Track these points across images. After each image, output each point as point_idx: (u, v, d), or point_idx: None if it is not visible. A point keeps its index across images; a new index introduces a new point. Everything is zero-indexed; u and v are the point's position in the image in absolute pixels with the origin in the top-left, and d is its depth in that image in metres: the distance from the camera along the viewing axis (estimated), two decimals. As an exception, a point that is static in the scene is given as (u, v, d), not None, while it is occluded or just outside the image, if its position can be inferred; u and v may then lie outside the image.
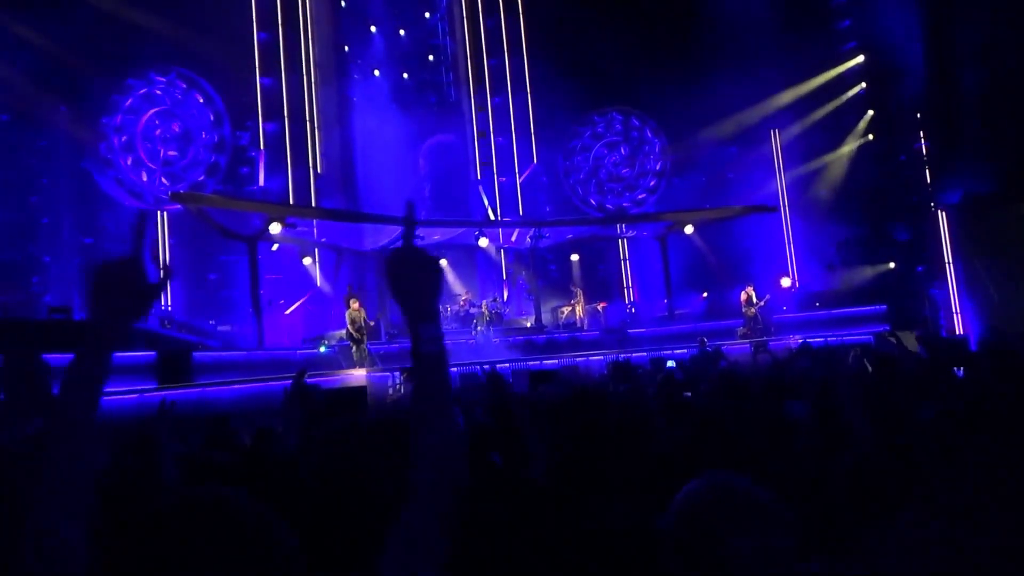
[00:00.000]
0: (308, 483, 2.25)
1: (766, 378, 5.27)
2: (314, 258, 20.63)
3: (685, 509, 1.38)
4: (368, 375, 14.89)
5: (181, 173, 19.53)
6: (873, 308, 18.74)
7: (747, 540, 1.27)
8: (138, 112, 19.17)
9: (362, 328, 15.99)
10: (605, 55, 22.32)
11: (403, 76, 23.41)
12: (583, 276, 23.50)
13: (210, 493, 1.04)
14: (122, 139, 18.88)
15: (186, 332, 15.67)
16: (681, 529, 1.37)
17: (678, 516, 1.39)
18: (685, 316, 20.91)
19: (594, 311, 21.16)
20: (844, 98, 24.21)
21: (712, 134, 23.20)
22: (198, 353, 13.79)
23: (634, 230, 23.82)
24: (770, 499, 1.33)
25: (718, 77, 20.94)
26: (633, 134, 25.59)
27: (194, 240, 18.62)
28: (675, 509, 1.41)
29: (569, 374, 13.58)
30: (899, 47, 21.04)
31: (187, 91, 19.62)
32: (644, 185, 25.51)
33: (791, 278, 22.82)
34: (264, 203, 18.25)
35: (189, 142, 19.69)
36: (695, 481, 1.42)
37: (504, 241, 22.64)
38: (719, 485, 1.38)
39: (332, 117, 21.94)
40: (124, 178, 18.84)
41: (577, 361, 15.84)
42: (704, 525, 1.32)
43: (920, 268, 23.12)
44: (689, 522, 1.35)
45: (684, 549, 1.34)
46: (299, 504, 1.98)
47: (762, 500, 1.33)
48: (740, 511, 1.31)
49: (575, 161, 25.28)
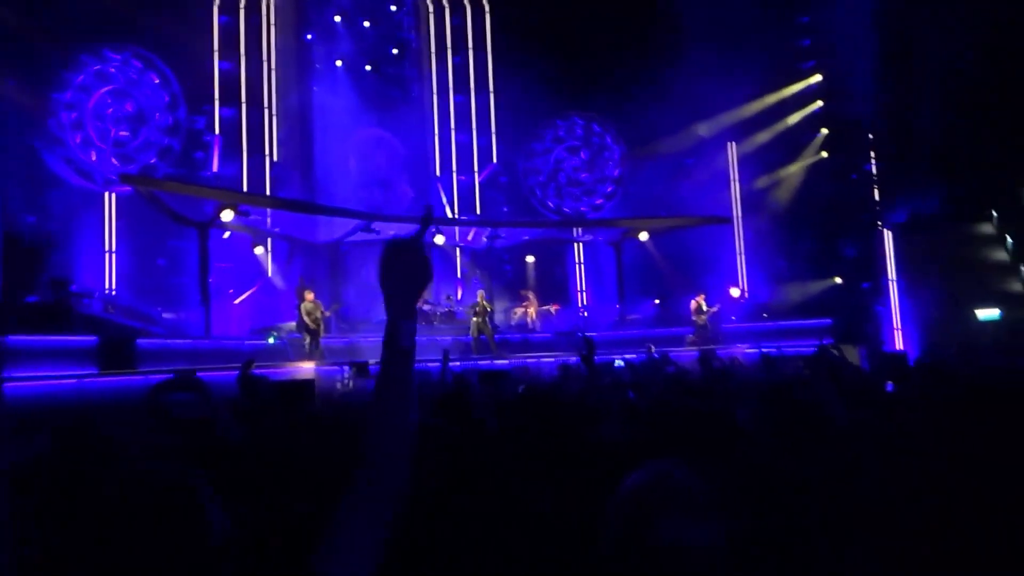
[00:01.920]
0: (253, 472, 2.23)
1: (714, 383, 5.37)
2: (266, 248, 20.29)
3: (621, 493, 1.41)
4: (317, 368, 14.72)
5: (133, 155, 19.02)
6: (819, 321, 19.20)
7: (675, 522, 1.30)
8: (90, 90, 18.61)
9: (318, 320, 15.80)
10: (569, 60, 22.51)
11: (366, 68, 23.19)
12: (538, 278, 23.61)
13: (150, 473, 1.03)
14: (72, 116, 18.31)
15: (130, 317, 15.26)
16: (614, 512, 1.40)
17: (614, 501, 1.42)
18: (636, 322, 21.16)
19: (547, 313, 21.27)
20: (801, 115, 24.81)
21: (671, 144, 23.53)
22: (142, 340, 13.43)
23: (590, 235, 24.02)
24: (702, 486, 1.37)
25: (679, 88, 21.27)
26: (594, 140, 25.80)
27: (143, 224, 18.13)
28: (613, 496, 1.44)
29: (520, 375, 13.61)
30: (856, 68, 21.65)
31: (143, 71, 19.12)
32: (602, 191, 25.74)
33: (740, 289, 23.26)
34: (217, 189, 17.88)
35: (142, 123, 19.18)
36: (636, 471, 1.45)
37: (460, 240, 22.60)
38: (655, 472, 1.42)
39: (291, 105, 21.63)
40: (73, 157, 18.27)
41: (528, 362, 15.88)
42: (635, 508, 1.36)
43: (865, 284, 23.82)
44: (622, 505, 1.39)
45: (616, 530, 1.37)
46: (243, 493, 1.96)
47: (693, 486, 1.37)
48: (670, 495, 1.35)
49: (535, 163, 25.38)
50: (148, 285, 18.46)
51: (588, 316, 22.95)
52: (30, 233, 16.96)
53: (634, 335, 19.10)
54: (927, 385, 4.70)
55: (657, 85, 21.69)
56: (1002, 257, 27.91)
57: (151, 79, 19.18)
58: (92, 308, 14.04)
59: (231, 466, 2.66)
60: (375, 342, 17.71)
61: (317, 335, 15.80)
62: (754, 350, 16.00)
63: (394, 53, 23.91)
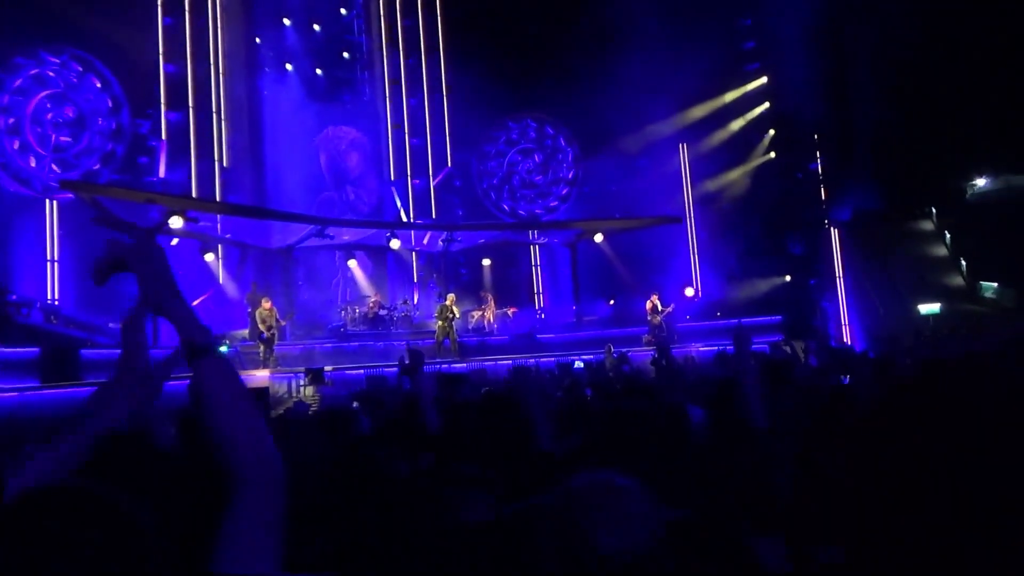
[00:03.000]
0: (190, 479, 2.18)
1: (666, 382, 5.43)
2: (217, 254, 19.89)
3: (560, 497, 1.43)
4: (271, 376, 14.50)
5: (73, 160, 18.47)
6: (770, 318, 19.59)
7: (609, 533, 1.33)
8: (28, 93, 18.01)
9: (272, 327, 15.55)
10: (522, 62, 22.62)
11: (316, 72, 22.93)
12: (494, 281, 23.64)
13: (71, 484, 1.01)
14: (9, 121, 17.71)
15: (74, 327, 14.83)
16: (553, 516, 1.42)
17: (553, 503, 1.44)
18: (593, 322, 21.31)
19: (504, 316, 21.29)
20: (749, 116, 25.32)
21: (623, 146, 23.79)
22: (86, 350, 13.06)
23: (545, 237, 24.13)
24: (636, 488, 1.40)
25: (631, 91, 21.54)
26: (547, 142, 25.94)
27: (85, 231, 17.60)
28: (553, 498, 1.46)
29: (478, 378, 13.60)
30: (800, 71, 22.17)
31: (83, 74, 18.58)
32: (556, 193, 25.88)
33: (694, 288, 23.61)
34: (165, 195, 17.48)
35: (83, 128, 18.64)
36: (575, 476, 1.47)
37: (416, 243, 22.49)
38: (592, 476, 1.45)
39: (240, 109, 21.25)
40: (10, 163, 17.66)
41: (486, 365, 15.87)
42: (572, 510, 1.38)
43: (813, 281, 24.39)
44: (560, 510, 1.41)
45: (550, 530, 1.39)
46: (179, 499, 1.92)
47: (628, 488, 1.40)
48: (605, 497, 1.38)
49: (489, 166, 25.40)
50: (92, 294, 17.92)
51: (545, 318, 23.04)
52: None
53: (591, 336, 19.23)
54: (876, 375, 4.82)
55: (609, 87, 21.93)
56: (942, 252, 28.89)
57: (92, 82, 18.65)
58: (33, 318, 13.59)
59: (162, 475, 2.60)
60: (331, 347, 17.57)
61: (271, 342, 15.55)
62: (711, 348, 16.29)
63: (345, 56, 23.69)
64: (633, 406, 2.88)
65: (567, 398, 5.25)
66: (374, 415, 4.95)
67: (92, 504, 0.97)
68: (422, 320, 20.82)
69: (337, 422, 3.72)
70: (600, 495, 1.39)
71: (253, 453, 1.25)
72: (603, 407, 3.55)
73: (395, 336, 18.75)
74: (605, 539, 1.32)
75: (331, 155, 22.80)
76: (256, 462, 1.25)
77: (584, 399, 5.00)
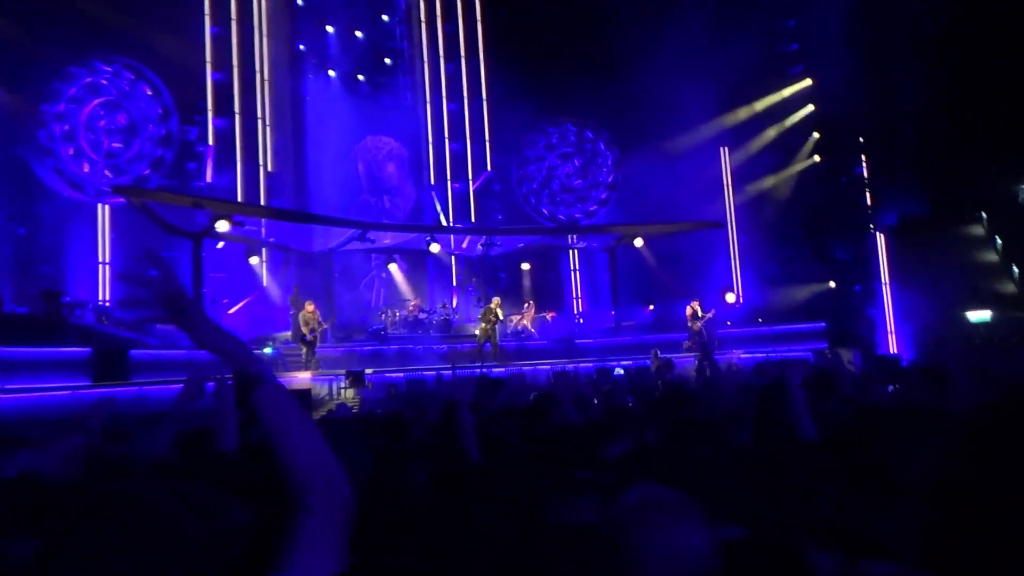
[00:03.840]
0: (247, 483, 2.23)
1: (708, 391, 5.38)
2: (261, 258, 20.27)
3: (614, 512, 1.43)
4: (312, 378, 14.71)
5: (125, 166, 18.98)
6: (813, 325, 19.26)
7: (663, 539, 1.33)
8: (82, 101, 18.58)
9: (315, 330, 15.77)
10: (562, 66, 22.58)
11: (358, 77, 23.23)
12: (533, 285, 23.64)
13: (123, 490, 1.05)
14: (64, 128, 18.28)
15: (124, 329, 15.22)
16: (606, 527, 1.42)
17: (608, 518, 1.44)
18: (631, 328, 21.16)
19: (543, 320, 21.29)
20: (792, 120, 24.95)
21: (664, 149, 23.59)
22: (135, 351, 13.41)
23: (584, 241, 24.05)
24: (688, 504, 1.39)
25: (672, 94, 21.36)
26: (586, 146, 25.89)
27: (136, 235, 18.07)
28: (607, 513, 1.46)
29: (516, 382, 13.63)
30: (845, 72, 21.76)
31: (134, 82, 19.11)
32: (596, 197, 25.80)
33: (735, 294, 23.31)
34: (212, 199, 17.85)
35: (134, 135, 19.16)
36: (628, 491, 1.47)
37: (455, 248, 22.62)
38: (645, 491, 1.45)
39: (284, 115, 21.63)
40: (64, 168, 18.23)
41: (524, 370, 15.89)
42: (626, 524, 1.38)
43: (858, 287, 23.91)
44: (615, 525, 1.41)
45: (607, 545, 1.39)
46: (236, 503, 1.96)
47: (681, 504, 1.39)
48: (659, 512, 1.37)
49: (528, 170, 25.43)
50: (141, 296, 18.38)
51: (584, 322, 22.96)
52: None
53: (630, 341, 19.12)
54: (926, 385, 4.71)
55: (650, 90, 21.79)
56: (992, 258, 28.08)
57: (143, 90, 19.17)
58: (85, 319, 13.99)
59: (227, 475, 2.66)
60: (371, 350, 17.75)
61: (313, 345, 15.77)
62: (753, 356, 16.09)
63: (386, 62, 23.96)
64: (678, 415, 2.86)
65: (606, 403, 5.24)
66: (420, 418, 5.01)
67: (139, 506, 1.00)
68: (461, 324, 20.93)
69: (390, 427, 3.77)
70: (653, 513, 1.38)
71: (320, 473, 1.28)
72: (647, 415, 3.53)
73: (434, 340, 18.87)
74: (658, 561, 1.32)
75: (369, 164, 23.04)
76: (323, 482, 1.27)
77: (625, 406, 4.98)
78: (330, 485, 1.28)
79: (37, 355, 11.95)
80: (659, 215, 22.57)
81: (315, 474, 1.28)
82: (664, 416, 2.89)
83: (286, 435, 1.30)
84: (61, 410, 10.36)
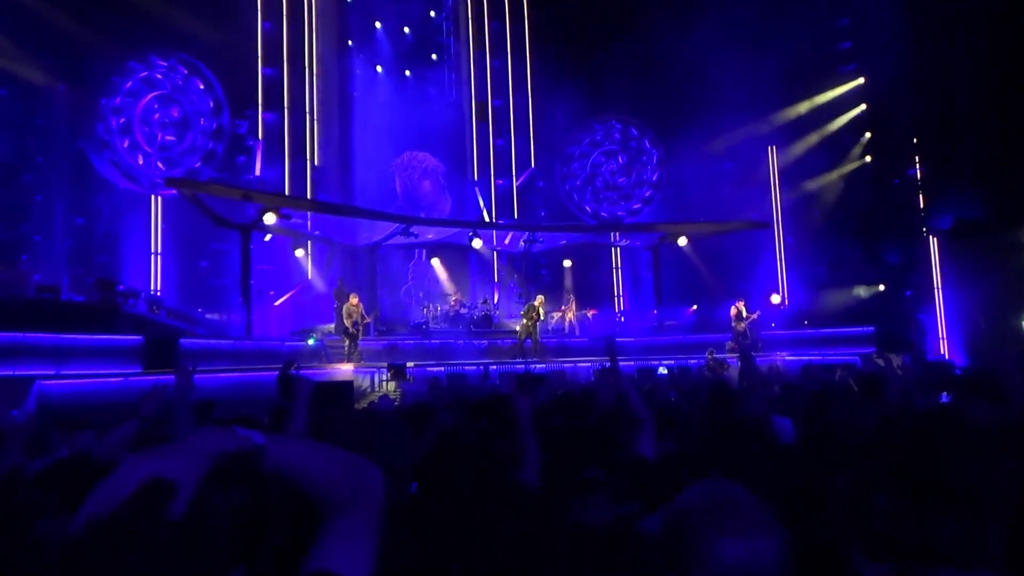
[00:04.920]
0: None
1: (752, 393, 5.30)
2: (307, 251, 20.58)
3: (675, 510, 1.39)
4: (354, 370, 14.88)
5: (177, 158, 19.45)
6: (861, 329, 18.83)
7: (733, 544, 1.29)
8: (137, 95, 19.09)
9: (358, 323, 15.95)
10: (607, 64, 22.43)
11: (405, 74, 23.41)
12: (575, 282, 23.56)
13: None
14: (120, 121, 18.80)
15: (174, 318, 15.60)
16: (669, 530, 1.38)
17: (667, 517, 1.40)
18: (674, 327, 20.95)
19: (584, 317, 21.20)
20: (843, 119, 24.38)
21: (710, 148, 23.28)
22: (185, 340, 13.73)
23: (627, 239, 23.88)
24: (758, 505, 1.35)
25: (719, 92, 21.06)
26: (631, 143, 25.68)
27: (187, 227, 18.52)
28: (666, 511, 1.42)
29: (557, 379, 13.61)
30: (899, 72, 21.18)
31: (188, 77, 19.56)
32: (639, 195, 25.59)
33: (781, 295, 22.91)
34: (260, 193, 18.20)
35: (187, 128, 19.61)
36: (688, 487, 1.43)
37: (498, 244, 22.66)
38: (710, 489, 1.40)
39: (332, 110, 21.92)
40: (120, 160, 18.75)
41: (564, 367, 15.86)
42: (691, 527, 1.34)
43: (908, 292, 23.29)
44: (677, 523, 1.37)
45: (670, 549, 1.36)
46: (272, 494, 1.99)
47: (751, 505, 1.35)
48: (728, 515, 1.33)
49: (572, 167, 25.34)
50: (191, 286, 18.85)
51: (625, 321, 22.81)
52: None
53: (672, 341, 18.95)
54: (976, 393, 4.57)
55: (696, 88, 21.53)
56: (1052, 265, 27.07)
57: (196, 85, 19.60)
58: (138, 308, 14.37)
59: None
60: (413, 344, 17.91)
61: (356, 338, 15.95)
62: (797, 358, 15.81)
63: (433, 58, 24.10)
64: (723, 416, 2.83)
65: (649, 401, 5.20)
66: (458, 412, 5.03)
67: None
68: (502, 320, 20.97)
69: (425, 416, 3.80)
70: (723, 506, 1.34)
71: (349, 484, 1.26)
72: (692, 415, 3.50)
73: (475, 335, 18.94)
74: (729, 551, 1.28)
75: (405, 181, 23.08)
76: (352, 491, 1.26)
77: (669, 404, 4.94)
78: (361, 490, 1.27)
79: (92, 343, 12.31)
80: (704, 214, 22.29)
81: (347, 489, 1.26)
82: (708, 416, 2.86)
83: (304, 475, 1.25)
84: (113, 396, 10.66)
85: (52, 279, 15.65)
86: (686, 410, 4.07)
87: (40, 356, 11.49)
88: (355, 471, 1.29)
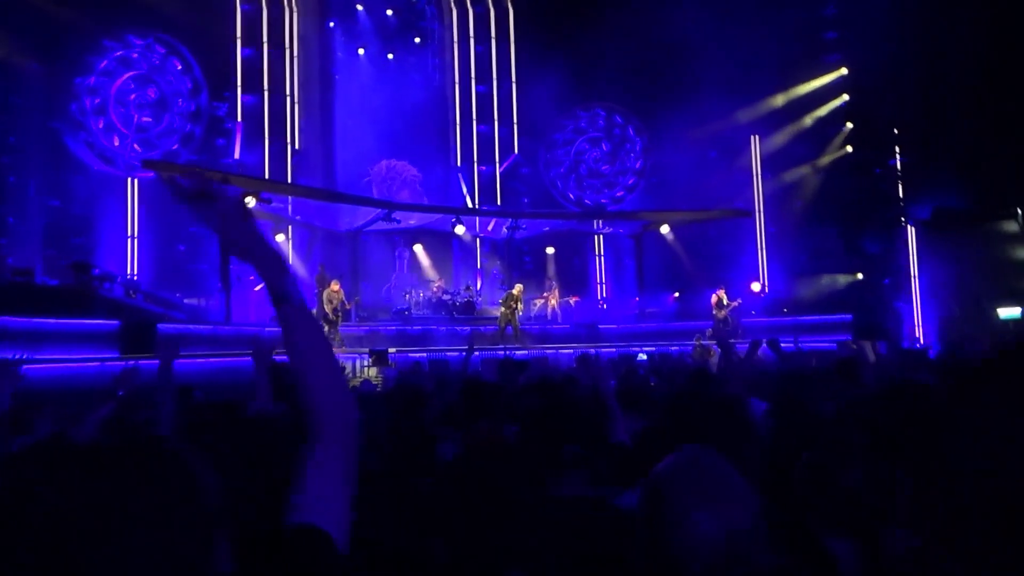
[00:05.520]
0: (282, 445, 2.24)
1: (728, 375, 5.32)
2: (287, 235, 20.41)
3: (652, 479, 1.39)
4: (336, 356, 14.80)
5: (155, 140, 19.18)
6: (839, 317, 19.02)
7: (709, 512, 1.28)
8: (113, 75, 18.77)
9: (338, 310, 15.86)
10: (592, 50, 22.34)
11: (387, 56, 23.19)
12: (558, 270, 23.56)
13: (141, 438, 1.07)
14: (95, 102, 18.49)
15: (152, 303, 15.42)
16: (647, 499, 1.38)
17: (644, 487, 1.40)
18: (656, 315, 21.05)
19: (566, 304, 21.23)
20: (826, 109, 24.49)
21: (693, 137, 23.31)
22: (163, 324, 13.57)
23: (610, 227, 23.91)
24: (733, 473, 1.34)
25: (703, 80, 21.08)
26: (615, 131, 25.66)
27: (163, 210, 18.29)
28: (643, 482, 1.42)
29: (539, 366, 13.60)
30: (882, 63, 21.29)
31: (165, 57, 19.26)
32: (623, 183, 25.60)
33: (761, 283, 23.06)
34: (240, 176, 17.98)
35: (164, 109, 19.34)
36: (666, 457, 1.43)
37: (481, 230, 22.58)
38: (687, 458, 1.39)
39: (313, 93, 21.68)
40: (95, 142, 18.46)
41: (547, 353, 15.86)
42: (668, 496, 1.33)
43: (887, 280, 23.53)
44: (654, 493, 1.36)
45: (648, 518, 1.35)
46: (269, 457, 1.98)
47: (726, 474, 1.34)
48: (704, 483, 1.32)
49: (556, 154, 25.29)
50: (168, 271, 18.64)
51: (608, 308, 22.87)
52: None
53: (654, 328, 19.03)
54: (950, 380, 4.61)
55: (680, 76, 21.52)
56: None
57: (174, 65, 19.31)
58: (114, 292, 14.19)
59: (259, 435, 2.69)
60: (395, 330, 17.83)
61: (336, 323, 15.87)
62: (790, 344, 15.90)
63: (416, 42, 23.88)
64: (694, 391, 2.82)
65: (622, 384, 5.22)
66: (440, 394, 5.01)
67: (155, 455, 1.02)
68: (484, 306, 20.94)
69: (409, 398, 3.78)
70: (699, 475, 1.34)
71: (330, 396, 1.34)
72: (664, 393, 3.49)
73: (458, 321, 18.91)
74: (704, 518, 1.28)
75: (383, 191, 22.65)
76: (332, 405, 1.33)
77: (642, 384, 4.94)
78: (343, 411, 1.34)
79: (67, 327, 12.14)
80: (687, 202, 22.35)
81: (329, 399, 1.34)
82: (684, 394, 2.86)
83: (305, 356, 1.37)
84: (89, 381, 10.53)
85: (26, 262, 15.41)
86: (663, 391, 4.07)
87: (14, 340, 11.31)
88: (343, 401, 1.37)
